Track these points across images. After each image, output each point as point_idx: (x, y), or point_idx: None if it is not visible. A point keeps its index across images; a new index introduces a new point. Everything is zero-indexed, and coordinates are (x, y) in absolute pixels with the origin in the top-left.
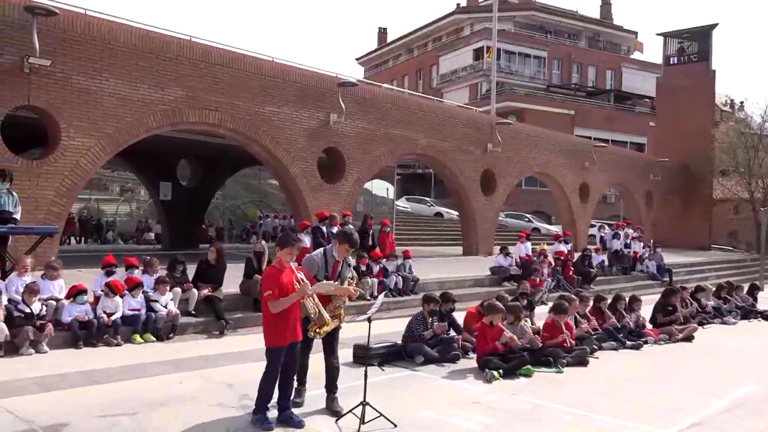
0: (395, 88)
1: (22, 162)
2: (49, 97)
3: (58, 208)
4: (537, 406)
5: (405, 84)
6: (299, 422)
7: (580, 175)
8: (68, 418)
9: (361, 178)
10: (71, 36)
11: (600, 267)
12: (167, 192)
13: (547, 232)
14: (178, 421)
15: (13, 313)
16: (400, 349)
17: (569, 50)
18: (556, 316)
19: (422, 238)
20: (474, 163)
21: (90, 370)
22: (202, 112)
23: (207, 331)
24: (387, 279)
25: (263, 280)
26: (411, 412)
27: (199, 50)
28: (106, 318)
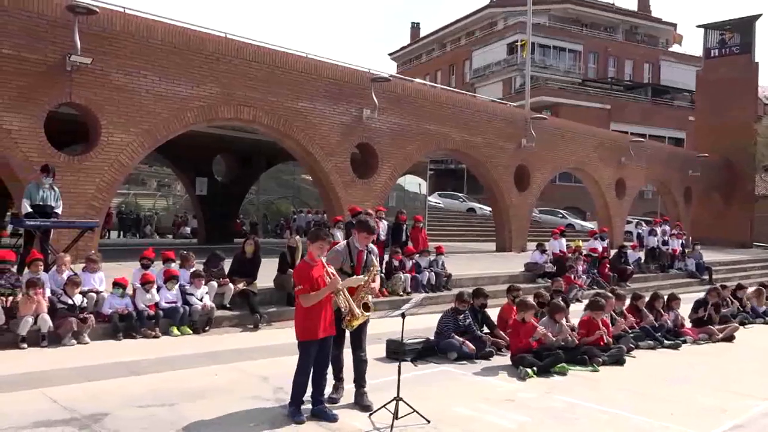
0: (428, 83)
1: (63, 158)
2: (89, 95)
3: (98, 203)
4: (572, 405)
5: (438, 79)
6: (333, 416)
7: (616, 171)
8: (108, 408)
9: (394, 173)
10: (111, 34)
11: (636, 264)
12: (203, 187)
13: (582, 228)
14: (214, 413)
15: (56, 305)
16: (433, 345)
17: (605, 43)
18: (592, 314)
19: (455, 234)
20: (507, 159)
21: (129, 361)
22: (237, 107)
23: (242, 324)
24: (420, 275)
25: (295, 275)
26: (444, 408)
27: (234, 47)
28: (147, 309)
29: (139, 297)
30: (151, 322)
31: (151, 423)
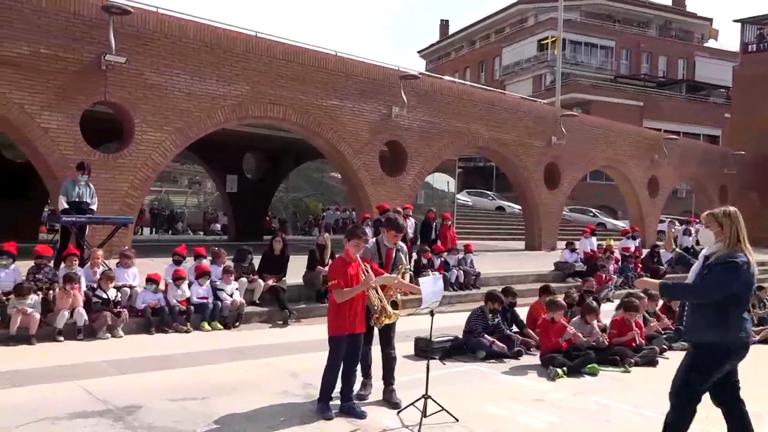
0: (457, 80)
1: (99, 155)
2: (123, 93)
3: (131, 200)
4: (603, 406)
5: (467, 76)
6: (361, 413)
7: (649, 169)
8: (142, 401)
9: (423, 171)
10: (144, 33)
11: (669, 264)
12: (233, 185)
13: (613, 227)
14: (244, 407)
15: (92, 299)
16: (462, 344)
17: (638, 39)
18: (625, 314)
19: (483, 232)
20: (538, 157)
21: (162, 355)
22: (267, 106)
23: (271, 320)
24: (448, 273)
25: (330, 270)
26: (473, 406)
27: (264, 45)
28: (179, 304)
29: (171, 292)
30: (183, 317)
31: (184, 416)
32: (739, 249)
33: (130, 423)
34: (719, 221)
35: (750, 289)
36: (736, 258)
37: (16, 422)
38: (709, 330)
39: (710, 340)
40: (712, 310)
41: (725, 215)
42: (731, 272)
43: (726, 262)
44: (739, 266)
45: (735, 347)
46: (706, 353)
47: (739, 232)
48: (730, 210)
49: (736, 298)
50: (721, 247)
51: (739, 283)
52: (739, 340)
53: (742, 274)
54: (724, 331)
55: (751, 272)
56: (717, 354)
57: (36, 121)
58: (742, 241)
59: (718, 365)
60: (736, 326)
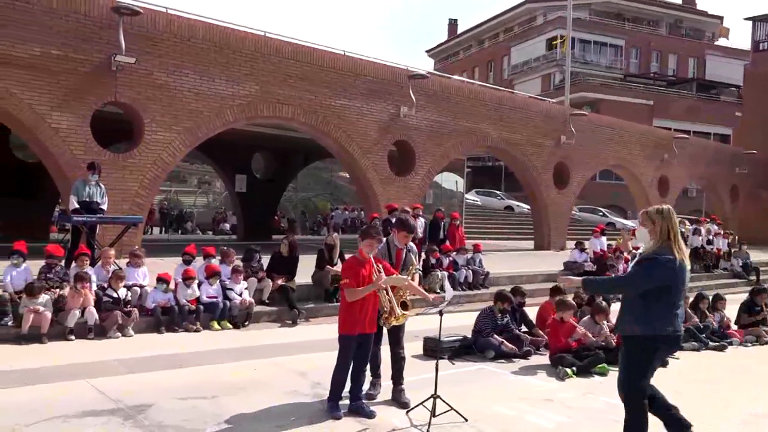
0: (466, 79)
1: (109, 155)
2: (133, 94)
3: (141, 200)
4: (612, 406)
5: (475, 75)
6: (370, 412)
7: (659, 168)
8: (152, 399)
9: (431, 170)
10: (154, 34)
11: None
12: (242, 184)
13: (623, 226)
14: (253, 406)
15: (102, 299)
16: (471, 343)
17: (648, 38)
18: None
19: (492, 232)
20: (547, 156)
21: (172, 354)
22: (276, 106)
23: (280, 320)
24: (457, 272)
25: (343, 269)
26: (482, 406)
27: (273, 45)
28: (189, 303)
29: (181, 292)
30: (192, 316)
31: (193, 415)
32: (668, 246)
33: (141, 421)
34: (652, 219)
35: (677, 286)
36: (659, 255)
37: (27, 420)
38: (635, 324)
39: (636, 333)
40: (637, 305)
41: (658, 213)
42: (649, 268)
43: (647, 258)
44: (659, 262)
45: (662, 340)
46: (634, 346)
47: (670, 230)
48: (663, 208)
49: (659, 293)
50: (652, 244)
51: (657, 279)
52: (666, 333)
53: (661, 270)
54: (649, 324)
55: (679, 269)
56: (644, 346)
57: (47, 121)
58: (673, 239)
59: (648, 357)
60: (662, 320)
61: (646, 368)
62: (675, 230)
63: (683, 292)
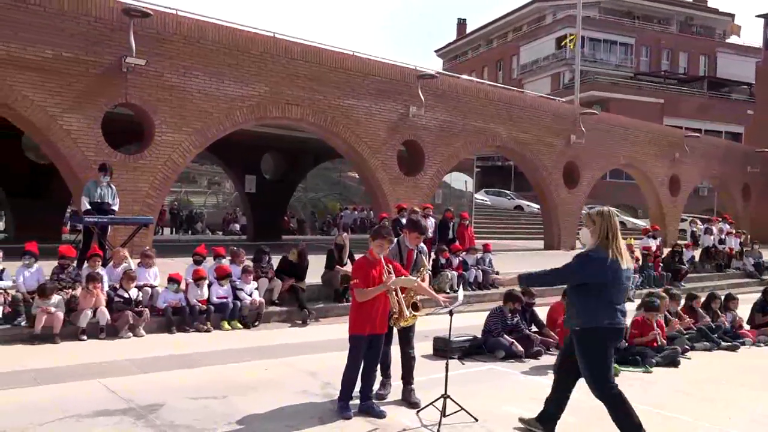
0: (475, 79)
1: (120, 157)
2: (143, 95)
3: (152, 200)
4: None
5: (484, 75)
6: (380, 412)
7: (670, 167)
8: (164, 399)
9: (440, 170)
10: (163, 36)
11: (691, 263)
12: (252, 185)
13: (634, 226)
14: (264, 406)
15: (113, 299)
16: (481, 343)
17: (659, 36)
18: (646, 314)
19: (502, 232)
20: (556, 155)
21: (183, 354)
22: (285, 106)
23: (290, 320)
24: (466, 272)
25: (353, 269)
26: (492, 406)
27: (282, 46)
28: (199, 304)
29: (191, 292)
30: (203, 316)
31: (205, 415)
32: (605, 245)
33: (152, 421)
34: (593, 220)
35: (611, 283)
36: (592, 252)
37: (40, 419)
38: (578, 317)
39: (580, 326)
40: (579, 301)
41: (598, 214)
42: (581, 263)
43: (580, 254)
44: (591, 259)
45: (608, 333)
46: (582, 338)
47: (608, 230)
48: (604, 210)
49: (597, 290)
50: (592, 243)
51: (587, 274)
52: (603, 325)
53: (591, 267)
54: (590, 317)
55: (610, 267)
56: (592, 337)
57: (59, 123)
58: (610, 239)
59: (599, 347)
60: (602, 314)
61: (602, 358)
62: (614, 231)
63: (622, 291)
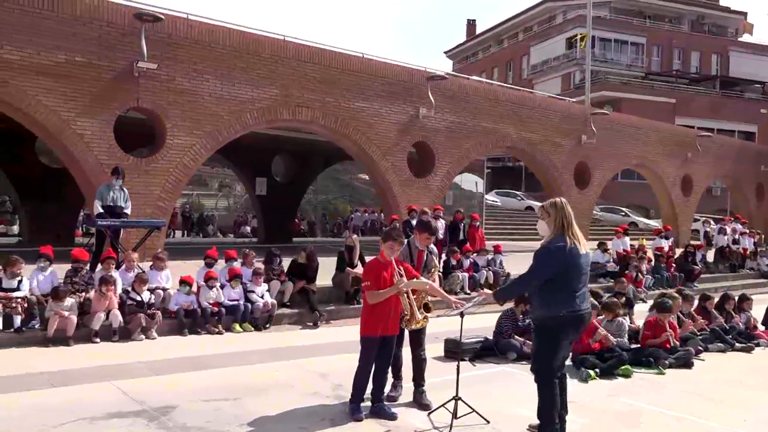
0: (485, 80)
1: (132, 160)
2: (155, 99)
3: (164, 203)
4: (635, 408)
5: (494, 76)
6: (392, 414)
7: (682, 167)
8: (176, 401)
9: (451, 171)
10: (175, 40)
11: (704, 264)
12: (263, 187)
13: (646, 226)
14: (276, 408)
15: (126, 302)
16: (492, 345)
17: (670, 35)
18: (659, 315)
19: (512, 233)
20: (567, 156)
21: (195, 356)
22: (295, 109)
23: (301, 322)
24: (477, 274)
25: (364, 271)
26: (504, 408)
27: (292, 49)
28: (211, 306)
29: (203, 294)
30: (214, 318)
31: (217, 416)
32: (561, 234)
33: (165, 423)
34: (548, 211)
35: (571, 270)
36: (550, 244)
37: (54, 421)
38: (539, 309)
39: (541, 316)
40: (539, 293)
41: (552, 206)
42: (542, 257)
43: (540, 249)
44: (549, 251)
45: (566, 321)
46: (541, 329)
47: (564, 220)
48: (557, 201)
49: (555, 279)
50: (549, 234)
51: (552, 266)
52: (562, 315)
53: (552, 257)
54: (551, 308)
55: (569, 254)
56: (551, 328)
57: (72, 127)
58: (566, 227)
59: (555, 338)
60: (559, 303)
61: (555, 349)
62: (568, 220)
63: (582, 276)
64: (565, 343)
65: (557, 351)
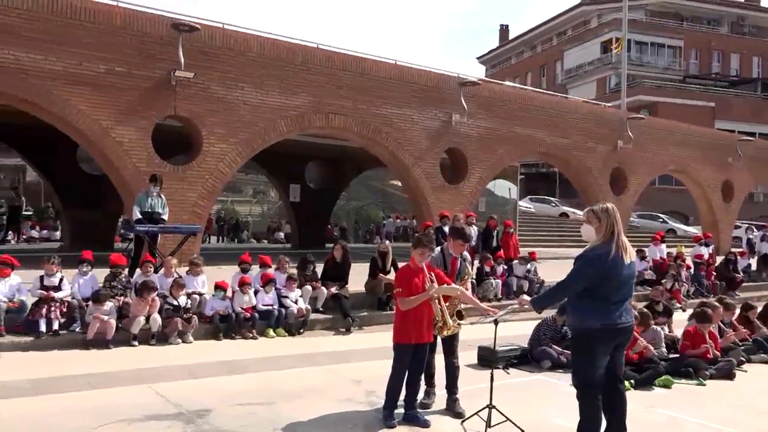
0: (518, 85)
1: (169, 167)
2: (192, 107)
3: (200, 209)
4: (674, 420)
5: (528, 81)
6: (425, 422)
7: (722, 172)
8: (212, 405)
9: (483, 178)
10: (211, 49)
11: (746, 272)
12: (296, 194)
13: (684, 233)
14: (309, 413)
15: (163, 306)
16: (527, 353)
17: (708, 37)
18: (698, 325)
19: (546, 240)
20: (602, 162)
21: (229, 361)
22: (328, 116)
23: (334, 327)
24: (510, 281)
25: (396, 278)
26: (539, 418)
27: (324, 56)
28: (244, 311)
29: (237, 300)
30: (248, 323)
31: (251, 421)
32: (607, 241)
33: (201, 426)
34: (598, 216)
35: (610, 279)
36: (589, 251)
37: (94, 423)
38: (574, 319)
39: (576, 327)
40: (574, 301)
41: (603, 211)
42: (580, 266)
43: (579, 256)
44: (587, 259)
45: (601, 334)
46: (577, 339)
47: (614, 226)
48: (608, 206)
49: (592, 289)
50: (596, 240)
51: (590, 275)
52: (596, 327)
53: (590, 266)
54: (585, 319)
55: (612, 263)
56: (585, 339)
57: (111, 135)
58: (615, 234)
59: (592, 350)
60: (598, 315)
61: (592, 360)
62: (619, 227)
63: (623, 288)
64: (603, 355)
65: (594, 363)
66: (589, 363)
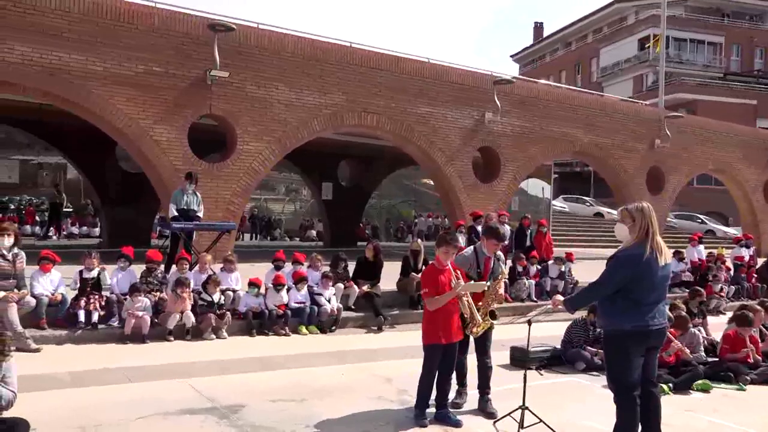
0: (552, 83)
1: (204, 165)
2: (227, 106)
3: (234, 207)
4: (716, 426)
5: (562, 79)
6: (456, 422)
7: (763, 172)
8: (245, 400)
9: (517, 177)
10: (246, 49)
11: None
12: (328, 192)
13: (724, 234)
14: (340, 411)
15: (198, 302)
16: (560, 354)
17: (751, 33)
18: (738, 329)
19: (581, 240)
20: (639, 161)
21: (262, 357)
22: (361, 114)
23: (366, 326)
24: (543, 281)
25: (422, 278)
26: (572, 419)
27: (358, 55)
28: (277, 309)
29: (271, 297)
30: (281, 320)
31: (283, 417)
32: (643, 241)
33: (235, 421)
34: (632, 216)
35: (643, 280)
36: (623, 251)
37: (131, 415)
38: (604, 319)
39: (607, 328)
40: (604, 302)
41: (638, 210)
42: (613, 266)
43: (612, 256)
44: (620, 260)
45: (631, 336)
46: (608, 340)
47: (649, 226)
48: (644, 206)
49: (625, 290)
50: (630, 239)
51: (622, 275)
52: (626, 329)
53: (622, 267)
54: (615, 320)
55: (646, 263)
56: (616, 340)
57: (149, 134)
58: (650, 235)
59: (624, 351)
60: (628, 316)
61: (626, 362)
62: (654, 228)
63: (656, 290)
64: (637, 356)
65: (628, 364)
66: (623, 364)
